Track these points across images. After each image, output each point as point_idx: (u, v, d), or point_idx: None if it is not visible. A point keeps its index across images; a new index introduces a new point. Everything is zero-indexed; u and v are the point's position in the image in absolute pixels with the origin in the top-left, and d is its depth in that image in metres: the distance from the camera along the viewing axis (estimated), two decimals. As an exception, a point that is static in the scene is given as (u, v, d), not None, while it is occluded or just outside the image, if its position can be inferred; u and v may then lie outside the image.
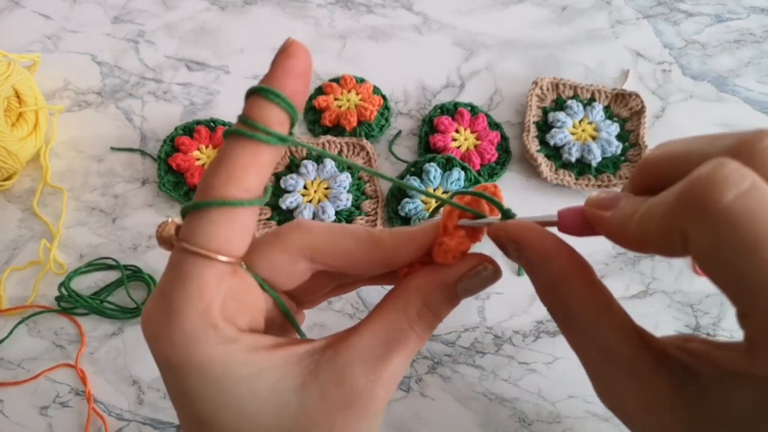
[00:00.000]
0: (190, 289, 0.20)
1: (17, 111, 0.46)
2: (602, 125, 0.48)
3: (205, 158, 0.48)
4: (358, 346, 0.21)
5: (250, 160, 0.21)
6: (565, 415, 0.39)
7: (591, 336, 0.21)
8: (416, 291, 0.22)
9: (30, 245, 0.45)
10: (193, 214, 0.21)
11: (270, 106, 0.21)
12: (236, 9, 0.56)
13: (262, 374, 0.20)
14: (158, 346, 0.20)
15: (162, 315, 0.20)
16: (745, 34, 0.55)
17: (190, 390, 0.20)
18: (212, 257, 0.20)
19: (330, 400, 0.21)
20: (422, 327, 0.22)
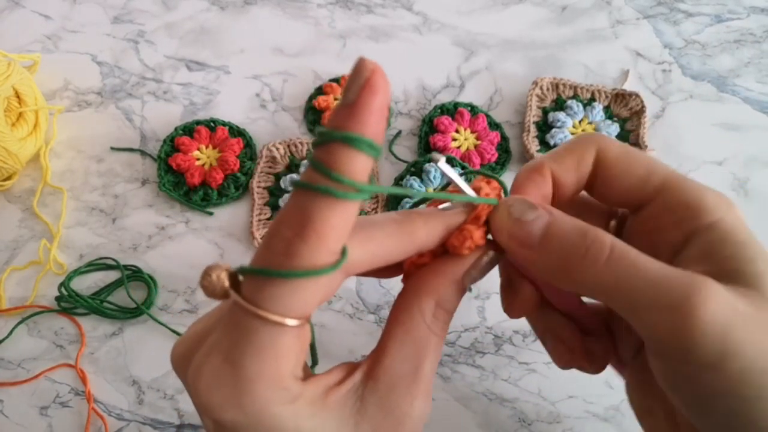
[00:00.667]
0: (265, 358, 0.19)
1: (17, 111, 0.46)
2: (602, 125, 0.48)
3: (205, 158, 0.48)
4: (391, 369, 0.21)
5: (339, 220, 0.18)
6: (565, 415, 0.39)
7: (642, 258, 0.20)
8: (428, 294, 0.22)
9: (30, 245, 0.45)
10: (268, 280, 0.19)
11: (359, 157, 0.18)
12: (236, 9, 0.56)
13: (325, 425, 0.20)
14: (224, 411, 0.19)
15: (231, 382, 0.19)
16: (745, 34, 0.55)
17: None
18: (285, 324, 0.19)
19: (383, 430, 0.21)
20: (439, 327, 0.22)
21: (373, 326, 0.42)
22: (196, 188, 0.46)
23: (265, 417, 0.19)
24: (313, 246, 0.18)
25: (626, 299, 0.20)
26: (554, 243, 0.21)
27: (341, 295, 0.43)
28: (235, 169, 0.47)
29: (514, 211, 0.22)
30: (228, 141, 0.48)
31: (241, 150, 0.48)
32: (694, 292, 0.19)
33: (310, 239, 0.18)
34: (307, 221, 0.18)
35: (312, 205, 0.18)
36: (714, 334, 0.18)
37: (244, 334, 0.19)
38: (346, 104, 0.18)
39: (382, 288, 0.43)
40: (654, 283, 0.19)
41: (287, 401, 0.20)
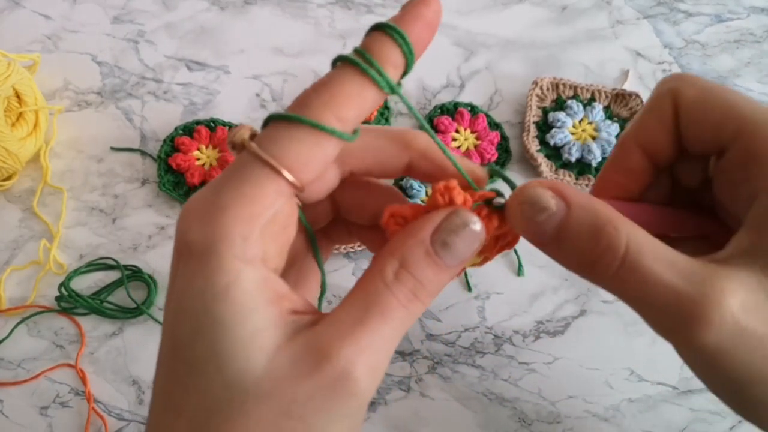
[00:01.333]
0: (245, 192, 0.19)
1: (17, 111, 0.46)
2: (602, 125, 0.48)
3: (205, 158, 0.48)
4: (334, 315, 0.20)
5: (356, 92, 0.20)
6: (565, 415, 0.39)
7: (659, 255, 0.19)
8: (391, 252, 0.20)
9: (30, 245, 0.45)
10: (278, 124, 0.19)
11: (392, 46, 0.20)
12: (236, 9, 0.56)
13: (251, 316, 0.19)
14: (189, 232, 0.19)
15: (207, 203, 0.19)
16: (745, 34, 0.55)
17: (188, 295, 0.19)
18: (281, 172, 0.19)
19: (298, 367, 0.18)
20: (404, 292, 0.20)
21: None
22: (196, 188, 0.46)
23: (212, 256, 0.19)
24: (324, 101, 0.19)
25: (637, 305, 0.20)
26: (566, 245, 0.21)
27: (339, 294, 0.43)
28: (235, 169, 0.47)
29: (525, 211, 0.21)
30: (228, 141, 0.48)
31: (241, 150, 0.48)
32: (696, 316, 0.18)
33: (323, 95, 0.20)
34: (326, 82, 0.20)
35: (336, 72, 0.20)
36: (710, 354, 0.19)
37: (237, 169, 0.20)
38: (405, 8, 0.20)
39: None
40: (662, 295, 0.19)
41: (239, 256, 0.19)
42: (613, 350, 0.41)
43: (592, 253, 0.20)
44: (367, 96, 0.20)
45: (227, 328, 0.18)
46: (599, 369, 0.40)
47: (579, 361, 0.41)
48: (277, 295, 0.20)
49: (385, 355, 0.19)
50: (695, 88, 0.22)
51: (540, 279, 0.43)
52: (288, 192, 0.20)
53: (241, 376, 0.18)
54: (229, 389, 0.18)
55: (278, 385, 0.18)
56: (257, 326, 0.19)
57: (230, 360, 0.18)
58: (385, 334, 0.19)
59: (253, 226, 0.19)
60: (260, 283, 0.19)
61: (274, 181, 0.19)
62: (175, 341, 0.19)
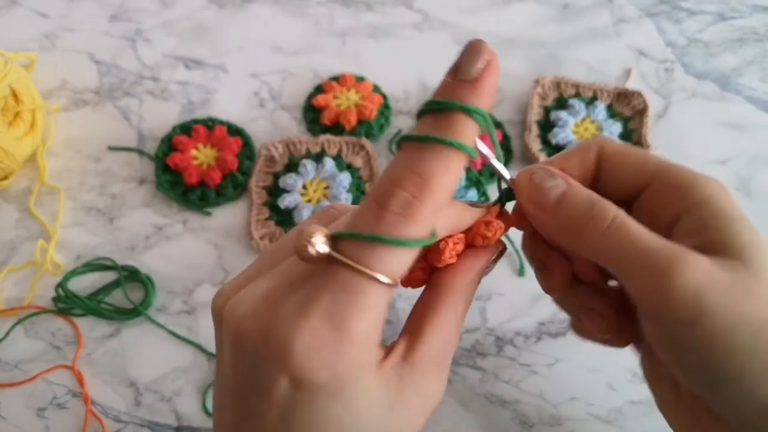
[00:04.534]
0: (370, 319, 0.20)
1: (14, 110, 0.46)
2: (605, 124, 0.48)
3: (203, 157, 0.47)
4: (426, 355, 0.23)
5: (451, 185, 0.20)
6: (567, 418, 0.39)
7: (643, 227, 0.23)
8: (461, 289, 0.24)
9: (27, 245, 0.45)
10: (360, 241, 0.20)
11: (474, 129, 0.20)
12: (235, 7, 0.56)
13: (382, 396, 0.22)
14: (318, 374, 0.19)
15: (334, 345, 0.19)
16: (748, 32, 0.54)
17: (325, 415, 0.20)
18: (389, 285, 0.20)
19: (413, 410, 0.22)
20: (463, 317, 0.24)
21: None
22: (193, 188, 0.46)
23: (351, 381, 0.20)
24: (430, 209, 0.19)
25: (620, 263, 0.23)
26: (566, 208, 0.24)
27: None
28: (234, 168, 0.46)
29: (536, 177, 0.25)
30: (226, 140, 0.47)
31: (240, 149, 0.47)
32: (674, 261, 0.21)
33: (428, 202, 0.19)
34: (426, 182, 0.19)
35: (430, 166, 0.19)
36: (688, 296, 0.21)
37: (350, 295, 0.19)
38: (466, 79, 0.21)
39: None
40: (644, 251, 0.22)
41: (368, 368, 0.21)
42: (616, 352, 0.40)
43: (587, 214, 0.23)
44: (457, 180, 0.21)
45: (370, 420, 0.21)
46: (601, 371, 0.40)
47: (581, 362, 0.40)
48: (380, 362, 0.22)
49: None
50: (617, 145, 0.26)
51: (541, 280, 0.43)
52: (391, 294, 0.21)
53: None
54: None
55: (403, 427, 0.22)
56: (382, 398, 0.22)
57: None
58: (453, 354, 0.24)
59: (377, 339, 0.21)
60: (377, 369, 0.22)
61: (383, 294, 0.20)
62: None
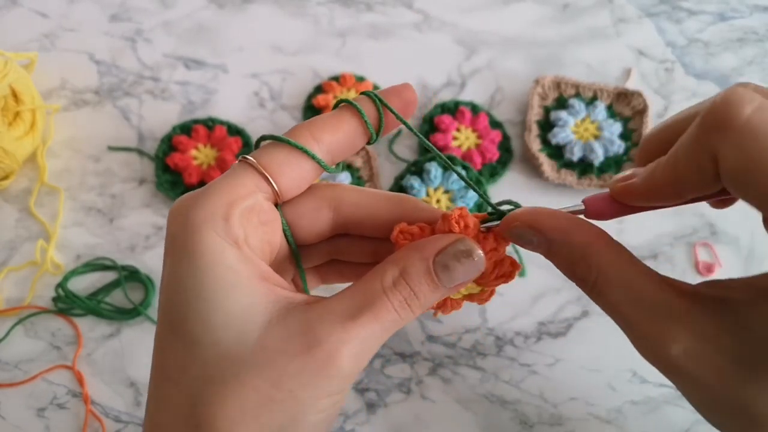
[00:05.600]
0: (227, 181, 0.22)
1: (14, 110, 0.46)
2: (605, 124, 0.48)
3: (203, 157, 0.47)
4: (329, 305, 0.22)
5: (334, 121, 0.24)
6: (567, 418, 0.39)
7: (625, 288, 0.22)
8: (394, 261, 0.23)
9: (27, 245, 0.45)
10: (267, 143, 0.23)
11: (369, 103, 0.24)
12: (235, 7, 0.56)
13: (239, 291, 0.21)
14: (173, 222, 0.22)
15: (193, 196, 0.22)
16: (748, 32, 0.54)
17: (177, 273, 0.21)
18: (261, 171, 0.22)
19: (290, 345, 0.20)
20: (398, 299, 0.22)
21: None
22: (193, 188, 0.46)
23: (196, 236, 0.21)
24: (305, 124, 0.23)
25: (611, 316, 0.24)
26: (555, 264, 0.24)
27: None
28: (234, 168, 0.46)
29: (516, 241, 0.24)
30: (226, 140, 0.47)
31: (240, 149, 0.47)
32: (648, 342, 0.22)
33: (305, 123, 0.24)
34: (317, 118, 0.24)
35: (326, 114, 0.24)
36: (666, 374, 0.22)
37: (227, 171, 0.23)
38: None
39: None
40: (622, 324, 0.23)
41: (221, 234, 0.21)
42: (616, 352, 0.41)
43: (571, 277, 0.24)
44: (343, 126, 0.24)
45: (217, 301, 0.20)
46: (601, 371, 0.40)
47: (581, 362, 0.40)
48: (263, 273, 0.22)
49: (370, 348, 0.22)
50: (736, 156, 0.19)
51: (542, 280, 0.43)
52: (267, 190, 0.23)
53: (235, 348, 0.20)
54: (225, 359, 0.20)
55: (271, 358, 0.20)
56: (247, 300, 0.21)
57: (224, 332, 0.20)
58: (373, 331, 0.21)
59: (233, 209, 0.21)
60: (244, 259, 0.21)
61: (254, 177, 0.22)
62: (170, 316, 0.21)
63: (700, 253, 0.44)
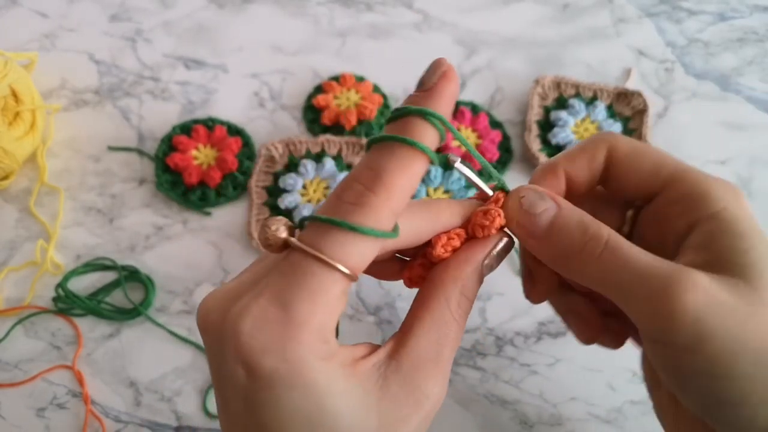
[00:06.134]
0: (318, 302, 0.19)
1: (14, 110, 0.46)
2: (605, 124, 0.48)
3: (203, 157, 0.47)
4: (416, 352, 0.22)
5: (407, 182, 0.21)
6: (567, 418, 0.39)
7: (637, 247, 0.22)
8: (453, 282, 0.23)
9: (27, 245, 0.45)
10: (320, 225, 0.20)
11: (431, 131, 0.21)
12: (235, 7, 0.56)
13: (353, 392, 0.20)
14: (266, 358, 0.19)
15: (279, 325, 0.19)
16: (748, 32, 0.54)
17: (287, 406, 0.19)
18: (343, 272, 0.20)
19: (404, 410, 0.21)
20: (461, 315, 0.23)
21: (373, 327, 0.42)
22: (193, 188, 0.46)
23: (304, 368, 0.19)
24: (382, 200, 0.20)
25: (616, 289, 0.22)
26: (557, 235, 0.24)
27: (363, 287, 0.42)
28: (234, 168, 0.46)
29: (525, 202, 0.24)
30: (226, 140, 0.47)
31: (240, 149, 0.47)
32: (672, 283, 0.21)
33: (381, 193, 0.20)
34: (379, 176, 0.20)
35: (385, 163, 0.20)
36: (689, 321, 0.20)
37: (300, 276, 0.19)
38: (424, 89, 0.22)
39: (382, 289, 0.43)
40: (640, 274, 0.21)
41: (326, 357, 0.20)
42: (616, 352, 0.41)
43: (580, 241, 0.23)
44: (417, 179, 0.21)
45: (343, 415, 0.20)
46: (601, 371, 0.40)
47: (581, 362, 0.40)
48: (354, 360, 0.21)
49: (451, 365, 0.23)
50: (628, 144, 0.25)
51: (541, 280, 0.43)
52: (349, 286, 0.21)
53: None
54: None
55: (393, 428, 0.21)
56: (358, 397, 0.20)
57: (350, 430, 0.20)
58: (453, 355, 0.23)
59: (329, 331, 0.20)
60: (344, 364, 0.21)
61: (340, 282, 0.20)
62: None
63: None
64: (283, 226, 0.20)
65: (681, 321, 0.20)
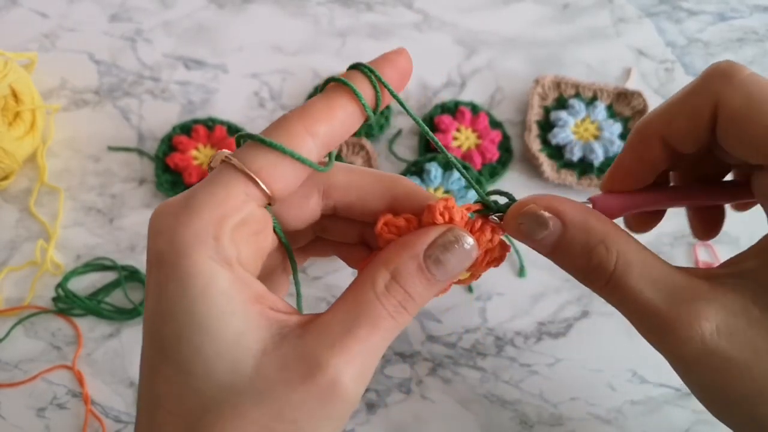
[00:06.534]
0: (214, 192, 0.20)
1: (14, 110, 0.46)
2: (604, 124, 0.48)
3: (203, 157, 0.47)
4: (325, 323, 0.20)
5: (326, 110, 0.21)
6: (567, 417, 0.39)
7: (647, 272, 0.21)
8: (383, 263, 0.21)
9: (27, 245, 0.45)
10: (252, 143, 0.21)
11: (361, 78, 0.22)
12: (235, 7, 0.56)
13: (233, 318, 0.19)
14: (158, 238, 0.20)
15: (177, 208, 0.20)
16: (747, 32, 0.54)
17: (166, 298, 0.19)
18: (250, 176, 0.20)
19: (290, 372, 0.19)
20: (393, 304, 0.21)
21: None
22: (194, 188, 0.46)
23: (185, 258, 0.19)
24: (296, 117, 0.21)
25: (625, 316, 0.22)
26: (562, 258, 0.23)
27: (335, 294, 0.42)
28: (234, 168, 0.46)
29: (524, 230, 0.23)
30: (226, 140, 0.47)
31: (240, 149, 0.47)
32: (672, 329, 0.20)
33: (296, 113, 0.21)
34: (303, 105, 0.21)
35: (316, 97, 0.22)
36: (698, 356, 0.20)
37: (209, 177, 0.21)
38: None
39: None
40: (641, 313, 0.21)
41: (213, 256, 0.19)
42: (616, 352, 0.41)
43: (585, 268, 0.22)
44: (338, 113, 0.21)
45: (210, 330, 0.19)
46: (601, 371, 0.40)
47: (581, 362, 0.40)
48: (256, 295, 0.20)
49: (372, 363, 0.20)
50: (740, 97, 0.21)
51: (542, 280, 0.43)
52: (258, 197, 0.21)
53: (230, 378, 0.19)
54: (221, 390, 0.19)
55: (270, 388, 0.19)
56: (240, 328, 0.19)
57: (218, 362, 0.19)
58: (373, 343, 0.20)
59: (224, 226, 0.20)
60: (237, 283, 0.20)
61: (243, 184, 0.20)
62: (160, 343, 0.20)
63: (700, 253, 0.44)
64: (224, 152, 0.21)
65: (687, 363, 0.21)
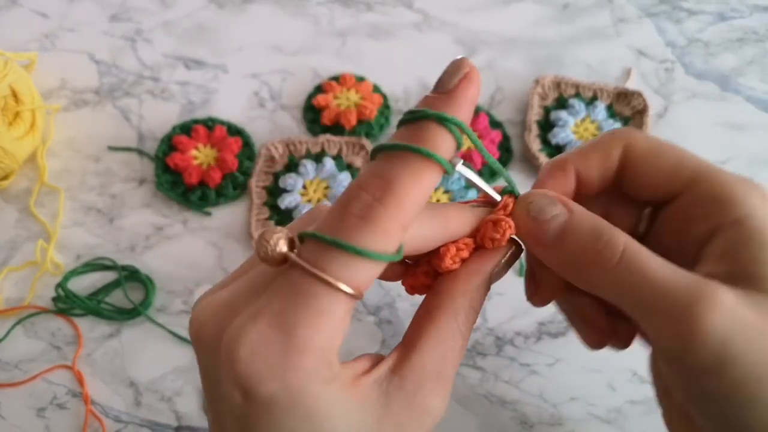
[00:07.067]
0: (321, 325, 0.18)
1: (14, 110, 0.46)
2: (605, 124, 0.48)
3: (203, 157, 0.47)
4: (419, 367, 0.21)
5: (419, 195, 0.19)
6: (567, 418, 0.39)
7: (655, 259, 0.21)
8: (462, 295, 0.22)
9: (27, 245, 0.45)
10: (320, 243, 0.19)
11: (448, 138, 0.20)
12: (235, 7, 0.56)
13: (353, 413, 0.19)
14: (264, 382, 0.18)
15: (279, 349, 0.18)
16: (748, 32, 0.54)
17: (284, 430, 0.18)
18: (348, 293, 0.18)
19: (405, 428, 0.20)
20: (468, 327, 0.22)
21: (373, 327, 0.42)
22: (194, 188, 0.46)
23: (304, 394, 0.18)
24: (392, 214, 0.18)
25: (634, 303, 0.21)
26: (568, 243, 0.22)
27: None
28: (234, 168, 0.46)
29: (533, 209, 0.23)
30: (226, 140, 0.47)
31: (240, 149, 0.47)
32: (696, 301, 0.19)
33: (390, 207, 0.18)
34: (390, 187, 0.19)
35: (397, 173, 0.19)
36: (713, 343, 0.19)
37: (301, 298, 0.18)
38: (443, 91, 0.20)
39: (382, 289, 0.43)
40: (660, 289, 0.20)
41: (328, 380, 0.19)
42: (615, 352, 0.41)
43: (593, 249, 0.21)
44: (429, 191, 0.20)
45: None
46: (601, 371, 0.40)
47: (581, 362, 0.40)
48: (353, 379, 0.20)
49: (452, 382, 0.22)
50: (647, 142, 0.24)
51: (541, 280, 0.43)
52: (353, 306, 0.19)
53: None
54: None
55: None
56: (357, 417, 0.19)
57: None
58: (456, 369, 0.22)
59: (334, 351, 0.19)
60: (345, 389, 0.20)
61: (344, 304, 0.19)
62: None
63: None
64: (282, 239, 0.19)
65: (704, 343, 0.19)
